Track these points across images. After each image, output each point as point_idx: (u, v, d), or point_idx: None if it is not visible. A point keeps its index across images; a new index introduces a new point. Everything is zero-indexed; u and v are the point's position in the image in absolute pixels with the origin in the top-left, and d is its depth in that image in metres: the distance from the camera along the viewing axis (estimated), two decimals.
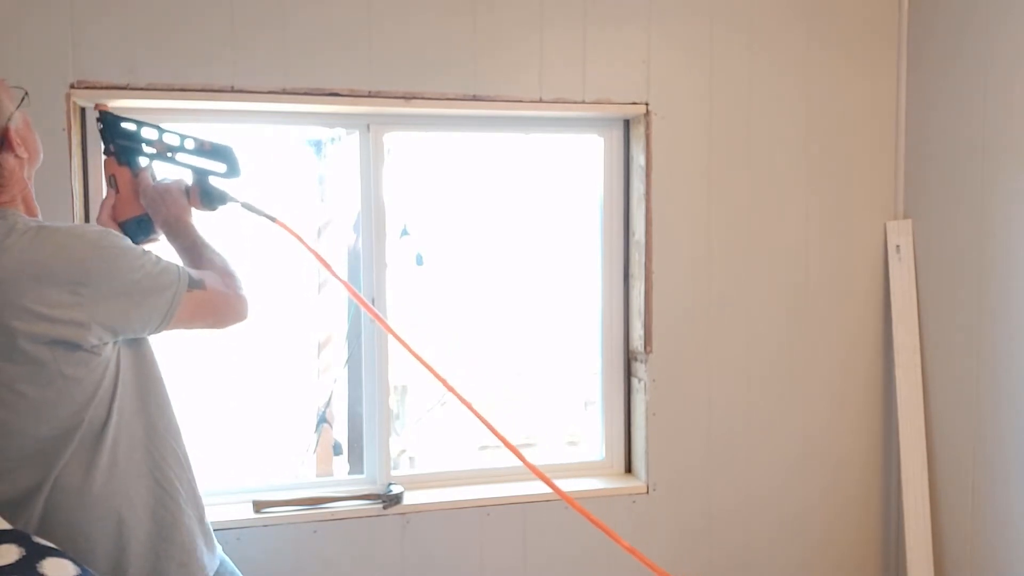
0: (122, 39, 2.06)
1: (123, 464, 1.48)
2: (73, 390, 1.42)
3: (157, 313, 1.50)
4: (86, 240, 1.44)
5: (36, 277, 1.38)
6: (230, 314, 1.66)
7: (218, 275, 1.66)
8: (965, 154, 2.39)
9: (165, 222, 1.80)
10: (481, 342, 5.02)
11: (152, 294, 1.49)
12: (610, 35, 2.37)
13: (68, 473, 1.44)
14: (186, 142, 1.85)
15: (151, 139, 1.85)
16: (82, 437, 1.44)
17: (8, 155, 1.47)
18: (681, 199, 2.46)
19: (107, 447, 1.46)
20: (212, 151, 1.85)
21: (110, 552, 1.47)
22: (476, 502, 2.37)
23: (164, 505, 1.53)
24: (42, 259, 1.40)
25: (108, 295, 1.43)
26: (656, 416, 2.48)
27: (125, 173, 1.84)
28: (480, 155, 3.99)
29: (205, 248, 1.75)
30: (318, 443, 3.76)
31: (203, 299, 1.58)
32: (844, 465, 2.64)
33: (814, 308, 2.59)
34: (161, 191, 1.81)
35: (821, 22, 2.54)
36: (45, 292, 1.38)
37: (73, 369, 1.42)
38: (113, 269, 1.44)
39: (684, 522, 2.52)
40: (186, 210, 1.81)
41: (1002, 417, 2.30)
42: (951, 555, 2.50)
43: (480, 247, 4.75)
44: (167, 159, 1.86)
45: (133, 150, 1.85)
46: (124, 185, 1.84)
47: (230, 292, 1.65)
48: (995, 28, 2.29)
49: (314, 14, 2.17)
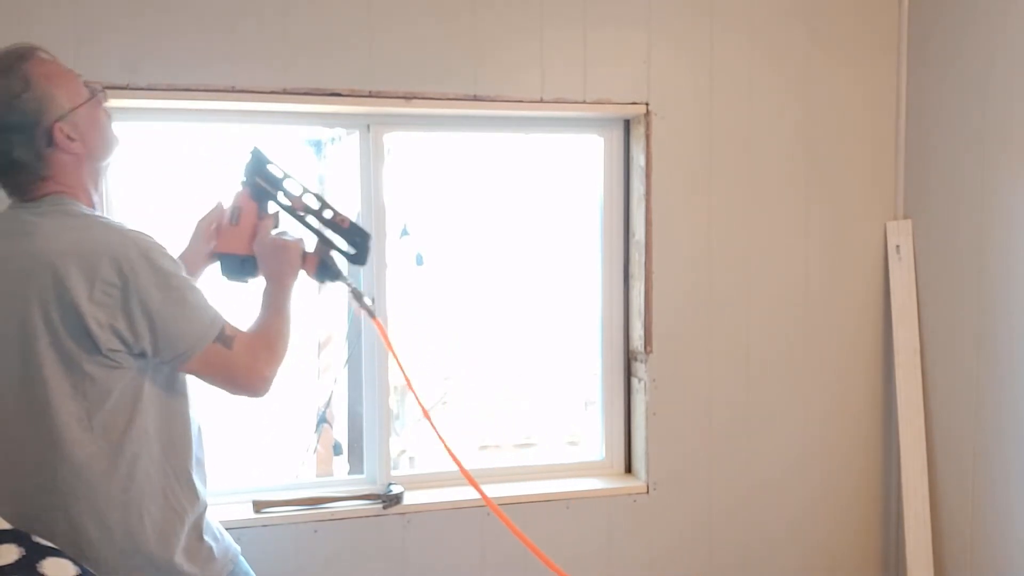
0: (123, 39, 2.06)
1: (139, 479, 1.50)
2: (88, 387, 1.44)
3: (170, 348, 1.48)
4: (139, 247, 1.46)
5: (80, 264, 1.41)
6: (243, 384, 1.58)
7: (259, 343, 1.60)
8: (965, 154, 2.39)
9: (268, 276, 1.75)
10: (481, 342, 5.01)
11: (176, 326, 1.47)
12: (610, 35, 2.37)
13: (84, 475, 1.45)
14: (324, 211, 1.82)
15: (291, 192, 1.82)
16: (98, 437, 1.45)
17: (57, 150, 1.48)
18: (681, 199, 2.46)
19: (126, 458, 1.48)
20: (348, 229, 1.82)
21: (113, 563, 1.48)
22: (476, 502, 2.36)
23: (171, 523, 1.53)
24: (92, 247, 1.43)
25: (134, 308, 1.44)
26: (656, 416, 2.48)
27: (252, 212, 1.80)
28: (480, 155, 3.98)
29: (279, 317, 1.69)
30: (318, 443, 3.75)
31: (223, 357, 1.53)
32: (844, 465, 2.64)
33: (814, 308, 2.59)
34: (280, 245, 1.75)
35: (821, 22, 2.54)
36: (83, 281, 1.41)
37: (92, 367, 1.44)
38: (151, 286, 1.45)
39: (684, 522, 2.52)
40: (293, 273, 1.76)
41: (1002, 417, 2.30)
42: (951, 555, 2.49)
43: (480, 247, 4.75)
44: (297, 216, 1.83)
45: (269, 194, 1.81)
46: (246, 222, 1.79)
47: (256, 364, 1.58)
48: (995, 28, 2.29)
49: (314, 14, 2.17)
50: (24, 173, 1.48)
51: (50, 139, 1.47)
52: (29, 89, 1.45)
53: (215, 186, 2.66)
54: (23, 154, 1.46)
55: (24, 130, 1.45)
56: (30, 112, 1.45)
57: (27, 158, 1.46)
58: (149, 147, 2.66)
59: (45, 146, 1.47)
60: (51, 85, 1.47)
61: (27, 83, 1.45)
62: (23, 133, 1.45)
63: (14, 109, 1.44)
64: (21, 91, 1.44)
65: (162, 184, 2.89)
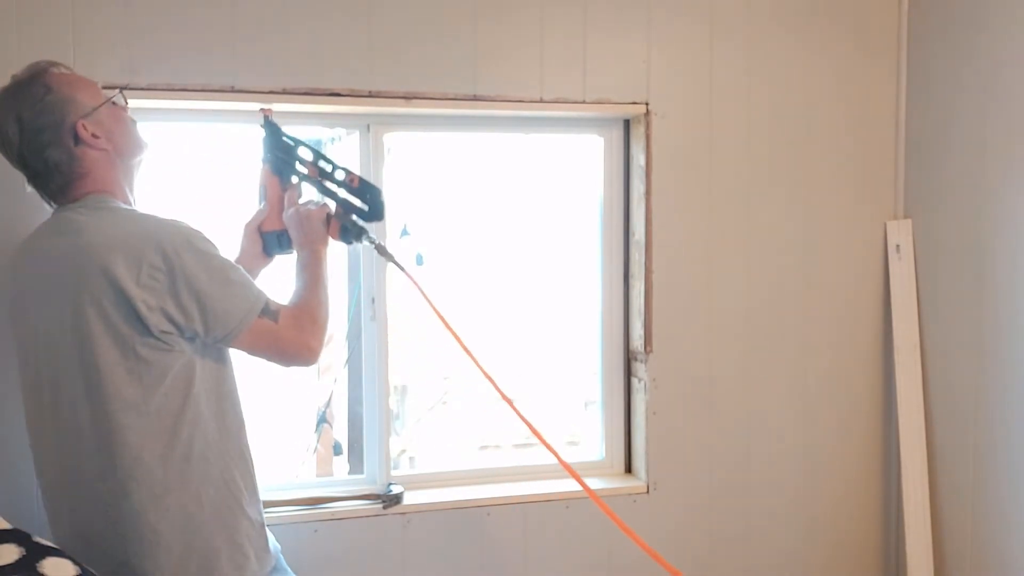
0: (122, 39, 2.06)
1: (196, 461, 1.54)
2: (143, 371, 1.49)
3: (221, 326, 1.54)
4: (180, 233, 1.53)
5: (126, 252, 1.47)
6: (292, 355, 1.65)
7: (303, 315, 1.67)
8: (965, 154, 2.39)
9: (299, 245, 1.83)
10: (481, 342, 5.03)
11: (223, 304, 1.54)
12: (610, 35, 2.37)
13: (143, 458, 1.50)
14: (336, 172, 1.86)
15: (306, 159, 1.86)
16: (154, 421, 1.50)
17: (86, 147, 1.58)
18: (681, 199, 2.46)
19: (182, 440, 1.53)
20: (360, 187, 1.86)
21: (172, 547, 1.52)
22: (476, 502, 2.36)
23: (228, 506, 1.58)
24: (135, 236, 1.50)
25: (182, 289, 1.50)
26: (656, 416, 2.48)
27: (276, 186, 1.86)
28: (481, 155, 3.99)
29: (316, 286, 1.76)
30: (318, 443, 3.75)
31: (270, 330, 1.60)
32: (844, 465, 2.64)
33: (814, 308, 2.59)
34: (304, 215, 1.84)
35: (821, 22, 2.54)
36: (131, 268, 1.47)
37: (146, 351, 1.49)
38: (195, 267, 1.51)
39: (684, 522, 2.52)
40: (323, 240, 1.83)
41: (1002, 417, 2.30)
42: (951, 555, 2.49)
43: (481, 247, 4.75)
44: (315, 183, 1.87)
45: (288, 165, 1.86)
46: (273, 197, 1.87)
47: (302, 336, 1.65)
48: (995, 28, 2.29)
49: (314, 14, 2.17)
50: (61, 175, 1.58)
51: (76, 136, 1.57)
52: (51, 92, 1.57)
53: (215, 186, 2.66)
54: (55, 154, 1.56)
55: (51, 129, 1.55)
56: (55, 111, 1.56)
57: (60, 158, 1.56)
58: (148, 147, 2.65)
59: (73, 144, 1.57)
60: (72, 88, 1.60)
61: (48, 88, 1.57)
62: (51, 132, 1.55)
63: (40, 112, 1.55)
64: (44, 95, 1.56)
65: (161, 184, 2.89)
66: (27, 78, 1.59)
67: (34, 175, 1.60)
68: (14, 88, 1.58)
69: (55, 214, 1.63)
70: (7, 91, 1.59)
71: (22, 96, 1.56)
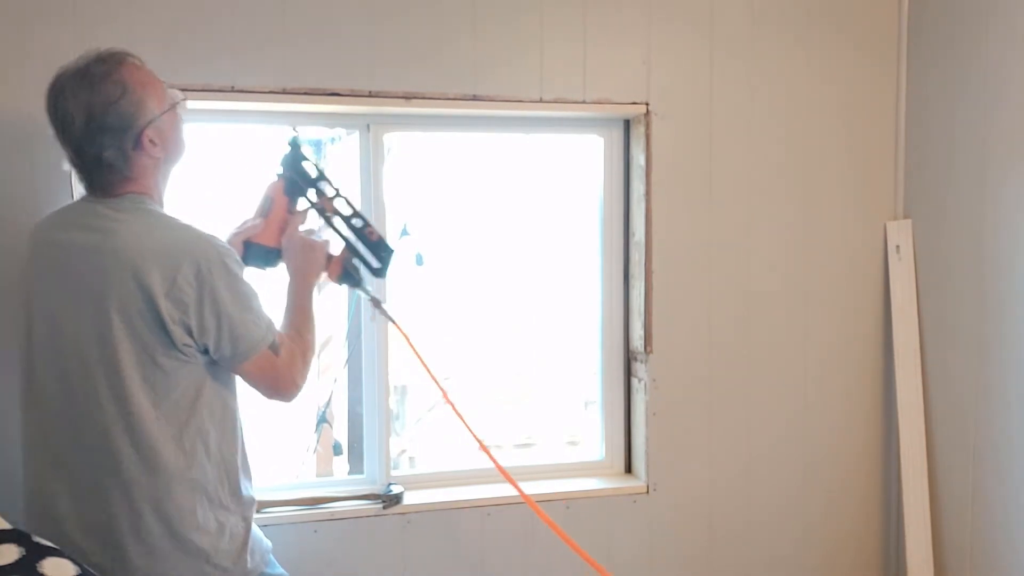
0: (122, 40, 2.03)
1: (196, 472, 1.57)
2: (157, 379, 1.51)
3: (232, 347, 1.57)
4: (218, 251, 1.55)
5: (162, 263, 1.49)
6: (281, 391, 1.68)
7: (298, 354, 1.69)
8: (965, 154, 2.39)
9: (293, 272, 1.82)
10: (481, 342, 5.01)
11: (240, 328, 1.56)
12: (610, 35, 2.37)
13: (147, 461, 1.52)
14: (354, 220, 1.86)
15: (324, 193, 1.85)
16: (162, 426, 1.52)
17: (142, 153, 1.56)
18: (681, 199, 2.46)
19: (184, 447, 1.55)
20: (375, 243, 1.87)
21: (166, 547, 1.55)
22: (476, 502, 2.37)
23: (217, 516, 1.61)
24: (173, 247, 1.51)
25: (206, 305, 1.52)
26: (656, 416, 2.48)
27: (283, 206, 1.84)
28: (480, 155, 3.98)
29: (307, 319, 1.77)
30: (318, 443, 3.75)
31: (272, 364, 1.63)
32: (844, 465, 2.64)
33: (814, 308, 2.59)
34: (308, 244, 1.83)
35: (821, 22, 2.54)
36: (164, 279, 1.48)
37: (165, 360, 1.51)
38: (223, 287, 1.53)
39: (684, 522, 2.52)
40: (317, 273, 1.83)
41: (1002, 417, 2.30)
42: (951, 555, 2.49)
43: (480, 247, 4.75)
44: (325, 217, 1.87)
45: (301, 190, 1.84)
46: (276, 214, 1.84)
47: (292, 373, 1.68)
48: (995, 28, 2.29)
49: (314, 14, 2.17)
50: (111, 173, 1.56)
51: (137, 142, 1.55)
52: (126, 95, 1.53)
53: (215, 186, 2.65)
54: (112, 156, 1.53)
55: (118, 133, 1.53)
56: (126, 116, 1.53)
57: (115, 159, 1.54)
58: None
59: (132, 148, 1.55)
60: (145, 91, 1.56)
61: (124, 88, 1.52)
62: (117, 136, 1.53)
63: (111, 114, 1.51)
64: (119, 96, 1.52)
65: None
66: (103, 72, 1.52)
67: (81, 164, 1.56)
68: (89, 79, 1.51)
69: (84, 202, 1.61)
70: (83, 79, 1.51)
71: (96, 91, 1.50)
